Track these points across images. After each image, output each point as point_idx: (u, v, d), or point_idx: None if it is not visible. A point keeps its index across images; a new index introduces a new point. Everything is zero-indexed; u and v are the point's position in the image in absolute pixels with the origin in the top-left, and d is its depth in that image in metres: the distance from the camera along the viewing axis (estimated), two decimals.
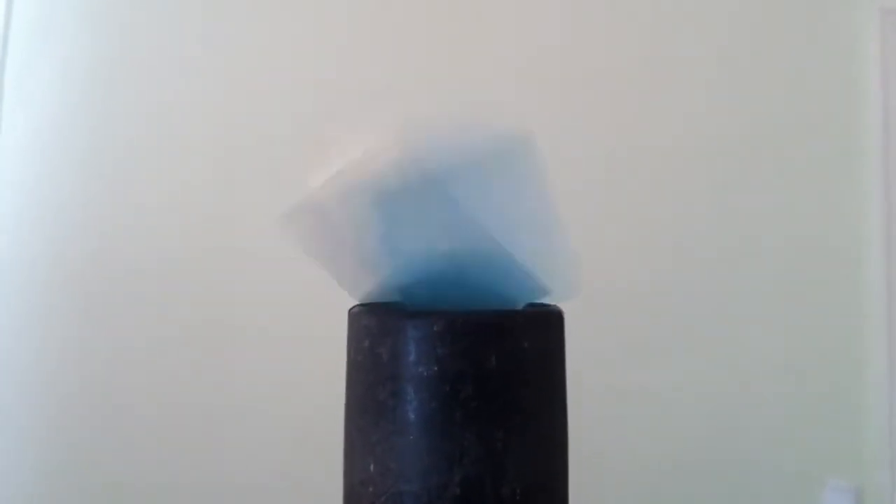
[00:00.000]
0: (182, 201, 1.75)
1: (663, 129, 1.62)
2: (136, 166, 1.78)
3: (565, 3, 1.68)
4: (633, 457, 1.58)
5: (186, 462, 1.70)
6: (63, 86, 1.82)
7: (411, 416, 0.49)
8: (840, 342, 1.55)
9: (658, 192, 1.61)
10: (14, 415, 1.78)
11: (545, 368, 0.51)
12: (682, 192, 1.60)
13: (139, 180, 1.78)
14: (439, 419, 0.49)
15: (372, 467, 0.50)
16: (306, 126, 1.71)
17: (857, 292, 1.55)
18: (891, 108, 1.55)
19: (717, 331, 1.59)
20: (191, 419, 1.71)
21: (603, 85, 1.64)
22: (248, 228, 1.71)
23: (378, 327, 0.51)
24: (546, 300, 0.54)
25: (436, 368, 0.49)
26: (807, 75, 1.60)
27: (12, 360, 1.78)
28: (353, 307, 0.54)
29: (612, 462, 1.57)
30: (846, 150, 1.58)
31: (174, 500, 1.69)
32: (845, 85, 1.58)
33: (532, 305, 0.54)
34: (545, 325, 0.52)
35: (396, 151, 0.50)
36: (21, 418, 1.78)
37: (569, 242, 0.51)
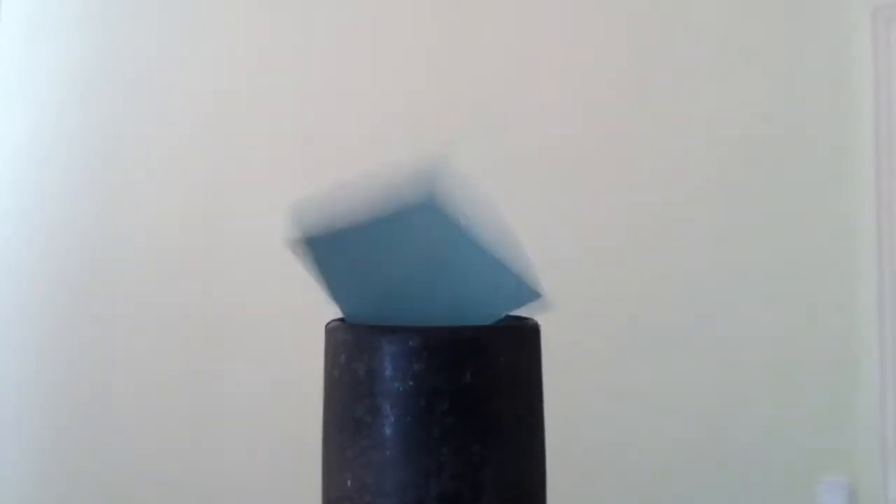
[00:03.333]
0: (177, 201, 1.75)
1: (653, 129, 1.62)
2: (131, 167, 1.78)
3: (560, 3, 1.68)
4: (628, 455, 1.58)
5: (183, 462, 1.70)
6: (56, 86, 1.81)
7: (388, 431, 0.49)
8: (832, 340, 1.55)
9: (650, 193, 1.61)
10: (12, 415, 1.78)
11: (521, 382, 0.51)
12: (674, 194, 1.60)
13: (134, 180, 1.77)
14: (416, 434, 0.48)
15: (349, 483, 0.50)
16: (304, 126, 1.71)
17: (850, 290, 1.55)
18: (882, 103, 1.54)
19: (710, 329, 1.58)
20: (189, 419, 1.71)
21: (592, 87, 1.64)
22: (245, 228, 1.71)
23: (354, 343, 0.50)
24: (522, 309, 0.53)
25: (412, 384, 0.48)
26: (797, 71, 1.59)
27: (10, 359, 1.79)
28: (330, 322, 0.53)
29: (606, 461, 1.57)
30: (838, 147, 1.57)
31: (172, 499, 1.69)
32: (837, 81, 1.58)
33: (512, 316, 0.54)
34: (521, 340, 0.52)
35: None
36: (18, 418, 1.78)
37: (519, 256, 0.50)
